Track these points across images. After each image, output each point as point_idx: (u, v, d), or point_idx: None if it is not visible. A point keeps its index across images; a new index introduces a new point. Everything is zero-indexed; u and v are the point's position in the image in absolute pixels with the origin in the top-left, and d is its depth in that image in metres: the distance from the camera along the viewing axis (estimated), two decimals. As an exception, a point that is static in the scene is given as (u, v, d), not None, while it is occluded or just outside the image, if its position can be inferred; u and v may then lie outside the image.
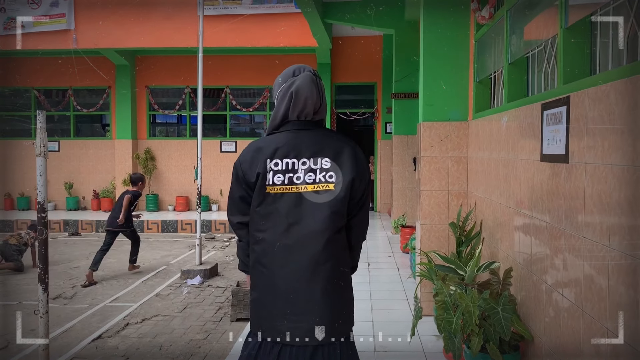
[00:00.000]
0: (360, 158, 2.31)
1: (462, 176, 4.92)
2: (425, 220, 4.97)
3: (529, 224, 3.15)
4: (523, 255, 3.31)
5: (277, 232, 2.23)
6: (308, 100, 2.29)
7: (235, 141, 14.01)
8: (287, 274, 2.24)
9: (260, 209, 2.27)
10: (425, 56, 4.94)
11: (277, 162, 2.24)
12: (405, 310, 5.23)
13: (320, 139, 2.29)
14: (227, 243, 10.94)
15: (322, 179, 2.23)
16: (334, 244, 2.24)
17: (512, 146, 3.48)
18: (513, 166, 3.45)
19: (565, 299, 2.63)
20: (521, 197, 3.28)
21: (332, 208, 2.22)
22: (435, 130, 4.92)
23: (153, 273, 8.25)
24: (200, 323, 5.94)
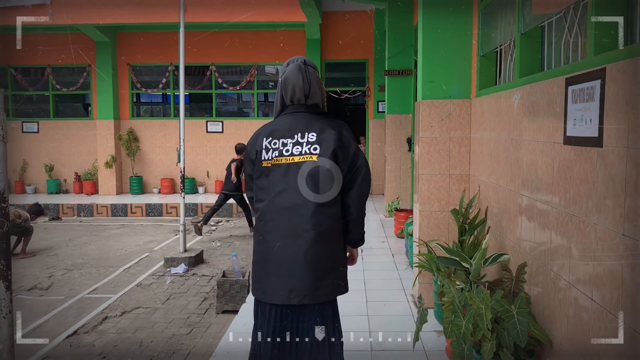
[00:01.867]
0: (344, 134, 2.56)
1: (464, 158, 4.55)
2: (424, 206, 4.61)
3: (546, 214, 2.80)
4: (537, 248, 2.96)
5: (268, 201, 2.51)
6: (296, 86, 2.60)
7: (222, 121, 13.53)
8: (274, 239, 2.50)
9: (258, 182, 2.57)
10: (424, 29, 4.52)
11: (275, 141, 2.54)
12: (403, 302, 4.90)
13: (311, 119, 2.58)
14: (214, 228, 10.55)
15: (307, 151, 2.48)
16: (320, 213, 2.46)
17: (526, 127, 3.11)
18: (527, 149, 3.08)
19: (593, 301, 2.28)
20: (537, 184, 2.92)
21: (315, 179, 2.46)
22: (435, 109, 4.53)
23: (135, 261, 7.86)
24: (183, 316, 5.58)
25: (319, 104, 2.66)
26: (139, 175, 13.57)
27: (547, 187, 2.76)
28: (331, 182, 2.48)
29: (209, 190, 13.54)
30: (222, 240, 9.22)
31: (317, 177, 2.46)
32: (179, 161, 7.38)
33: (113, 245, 8.95)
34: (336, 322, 2.64)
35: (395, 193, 9.10)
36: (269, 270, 2.52)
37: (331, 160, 2.46)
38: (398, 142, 9.17)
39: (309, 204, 2.45)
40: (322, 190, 2.47)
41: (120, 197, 12.88)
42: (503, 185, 3.61)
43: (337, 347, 2.61)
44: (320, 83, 2.70)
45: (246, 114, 14.35)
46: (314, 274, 2.46)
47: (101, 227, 10.72)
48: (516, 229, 3.36)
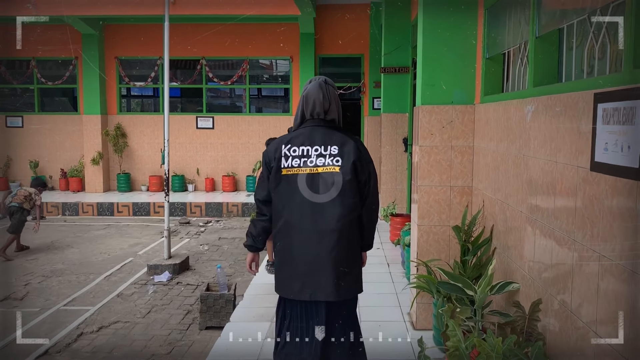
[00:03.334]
0: (361, 149, 2.80)
1: (466, 169, 4.19)
2: (423, 221, 4.24)
3: (565, 246, 2.44)
4: (554, 283, 2.60)
5: (293, 208, 2.71)
6: (316, 101, 2.80)
7: (213, 117, 13.11)
8: (299, 242, 2.72)
9: (278, 189, 2.75)
10: (424, 28, 4.15)
11: (295, 148, 2.74)
12: (399, 323, 4.54)
13: (330, 133, 2.79)
14: (203, 229, 10.17)
15: (330, 163, 2.71)
16: (342, 219, 2.69)
17: (541, 143, 2.75)
18: (542, 169, 2.72)
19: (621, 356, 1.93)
20: (555, 211, 2.56)
21: (338, 188, 2.69)
22: (436, 115, 4.16)
23: (118, 267, 7.47)
24: (164, 332, 5.22)
25: (335, 120, 2.88)
26: (127, 172, 13.16)
27: (568, 216, 2.40)
28: (353, 190, 2.74)
29: (199, 188, 13.15)
30: (210, 244, 8.85)
31: (340, 185, 2.71)
32: (163, 163, 6.99)
33: (96, 249, 8.56)
34: (356, 321, 2.98)
35: (391, 195, 8.74)
36: (296, 270, 2.74)
37: (352, 171, 2.72)
38: (394, 142, 8.80)
39: (335, 209, 2.70)
40: (345, 197, 2.71)
41: (107, 195, 12.47)
42: (512, 204, 3.25)
43: (358, 346, 2.92)
44: (338, 100, 2.91)
45: (239, 108, 13.93)
46: (337, 272, 2.70)
47: (86, 228, 10.32)
48: (526, 254, 3.01)
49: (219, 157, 13.12)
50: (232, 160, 13.11)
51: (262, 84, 14.00)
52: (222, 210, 11.37)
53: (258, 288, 5.56)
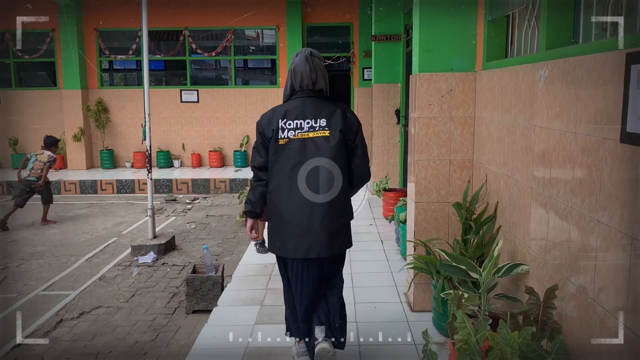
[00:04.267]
0: (347, 116, 3.03)
1: (467, 142, 3.92)
2: (421, 197, 3.98)
3: (587, 227, 2.19)
4: (572, 267, 2.36)
5: (286, 172, 2.96)
6: (303, 74, 3.00)
7: (197, 90, 12.67)
8: (293, 205, 2.96)
9: (275, 157, 2.99)
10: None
11: (289, 122, 2.97)
12: (396, 304, 4.32)
13: (319, 104, 3.02)
14: (190, 206, 9.87)
15: (320, 129, 2.96)
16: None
17: (557, 113, 2.47)
18: (558, 141, 2.45)
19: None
20: (574, 188, 2.30)
21: (329, 150, 2.93)
22: (435, 83, 3.86)
23: (100, 248, 7.18)
24: (149, 317, 4.96)
25: (323, 89, 3.09)
26: (110, 148, 12.76)
27: (590, 194, 2.14)
28: (341, 155, 2.98)
29: (185, 164, 12.79)
30: (197, 222, 8.56)
31: (329, 151, 2.95)
32: (144, 139, 6.64)
33: (79, 229, 8.25)
34: (342, 264, 3.31)
35: (383, 169, 8.47)
36: (290, 231, 3.00)
37: (339, 138, 2.96)
38: (386, 114, 8.50)
39: (324, 170, 2.95)
40: (334, 162, 2.95)
41: (90, 173, 12.09)
42: (520, 180, 2.99)
43: (339, 286, 3.29)
44: (325, 71, 3.10)
45: (224, 80, 13.50)
46: (329, 232, 2.98)
47: (68, 207, 9.98)
48: (538, 234, 2.76)
49: (204, 131, 12.74)
50: (218, 135, 12.74)
51: (248, 55, 13.55)
52: (210, 187, 11.06)
53: (247, 269, 5.31)
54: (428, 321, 3.92)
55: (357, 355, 3.50)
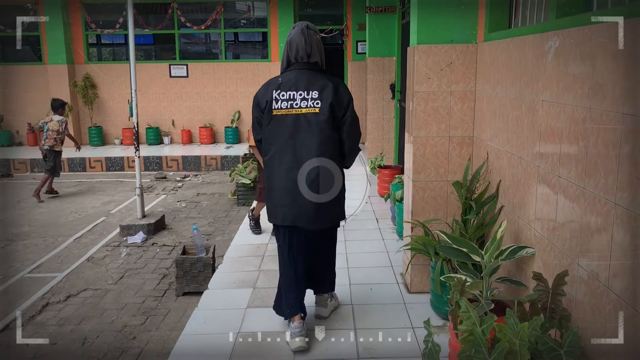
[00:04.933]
0: (339, 90, 3.15)
1: (467, 117, 3.74)
2: (419, 176, 3.82)
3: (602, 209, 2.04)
4: (582, 250, 2.22)
5: (281, 144, 3.12)
6: (299, 46, 3.14)
7: (187, 64, 12.37)
8: (285, 174, 3.12)
9: (269, 127, 3.16)
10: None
11: (283, 93, 3.11)
12: (392, 285, 4.18)
13: (312, 77, 3.14)
14: (181, 184, 9.68)
15: (312, 105, 3.09)
16: (322, 153, 3.09)
17: (568, 86, 2.30)
18: (570, 117, 2.28)
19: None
20: (587, 167, 2.14)
21: (319, 125, 3.08)
22: (434, 56, 3.67)
23: (89, 228, 7.00)
24: (138, 300, 4.83)
25: (318, 62, 3.20)
26: (99, 125, 12.50)
27: (607, 174, 1.99)
28: (330, 127, 3.12)
29: (175, 140, 12.56)
30: (188, 201, 8.38)
31: (320, 124, 3.09)
32: (131, 115, 6.42)
33: (66, 208, 8.06)
34: (335, 235, 3.56)
35: (378, 146, 8.30)
36: (281, 200, 3.18)
37: (329, 110, 3.09)
38: (380, 89, 8.29)
39: (314, 142, 3.09)
40: (324, 133, 3.10)
41: (78, 150, 11.81)
42: (525, 158, 2.83)
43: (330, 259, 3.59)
44: (320, 44, 3.23)
45: (215, 54, 13.17)
46: (318, 203, 3.14)
47: (56, 185, 9.73)
48: (545, 215, 2.61)
49: (194, 107, 12.48)
50: (208, 111, 12.49)
51: (239, 28, 13.20)
52: (201, 164, 10.86)
53: (239, 250, 5.16)
54: (425, 303, 3.80)
55: (353, 338, 3.37)
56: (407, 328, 3.51)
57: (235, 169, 7.95)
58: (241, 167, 7.87)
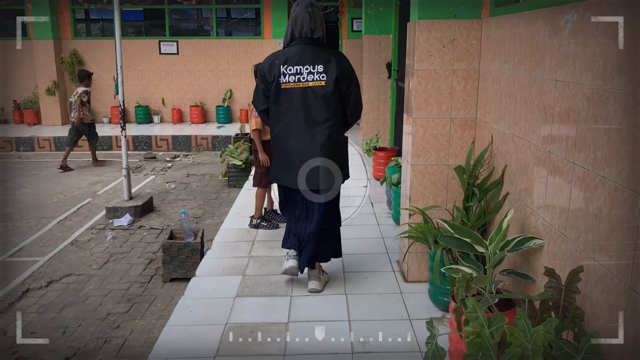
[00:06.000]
0: (343, 64, 3.44)
1: (470, 98, 3.53)
2: (418, 159, 3.62)
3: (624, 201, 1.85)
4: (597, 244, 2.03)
5: (289, 115, 3.45)
6: (303, 22, 3.40)
7: (177, 41, 12.03)
8: (295, 141, 3.46)
9: (277, 100, 3.45)
10: None
11: (290, 67, 3.38)
12: (388, 273, 4.01)
13: (317, 51, 3.42)
14: (170, 164, 9.43)
15: (318, 78, 3.38)
16: (328, 121, 3.42)
17: (586, 64, 2.09)
18: (588, 98, 2.07)
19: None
20: (606, 154, 1.94)
21: (325, 97, 3.39)
22: (436, 32, 3.44)
23: (74, 209, 6.78)
24: (123, 286, 4.63)
25: (321, 37, 3.45)
26: (86, 103, 12.13)
27: (633, 162, 1.79)
28: (336, 99, 3.41)
29: (165, 119, 12.27)
30: (177, 182, 8.15)
31: (326, 96, 3.37)
32: (117, 93, 6.16)
33: (52, 189, 7.82)
34: (336, 204, 3.79)
35: (373, 127, 8.08)
36: (292, 164, 3.48)
37: (334, 83, 3.37)
38: (377, 68, 8.03)
39: (322, 114, 3.39)
40: (330, 105, 3.40)
41: (65, 128, 11.40)
42: (535, 142, 2.63)
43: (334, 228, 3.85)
44: (323, 20, 3.48)
45: (206, 32, 12.81)
46: (326, 165, 3.44)
47: (42, 165, 9.51)
48: (556, 204, 2.42)
49: (185, 85, 12.17)
50: (199, 89, 12.18)
51: (231, 4, 12.82)
52: (191, 144, 10.61)
53: (229, 234, 4.96)
54: (423, 293, 3.63)
55: (347, 330, 3.20)
56: (404, 320, 3.34)
57: (226, 149, 7.72)
58: (232, 148, 7.64)
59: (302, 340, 3.11)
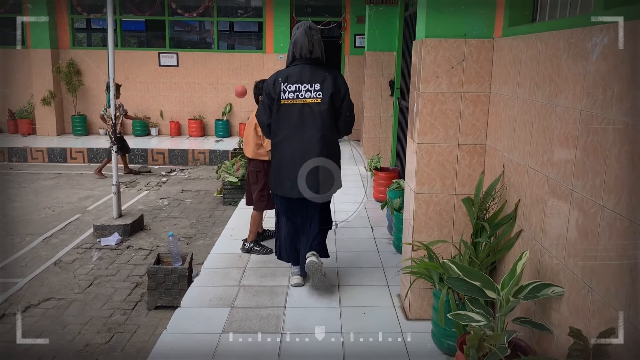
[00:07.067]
0: (337, 82, 3.75)
1: (479, 123, 3.27)
2: (422, 188, 3.35)
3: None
4: (629, 294, 1.76)
5: (288, 128, 3.74)
6: (302, 45, 3.75)
7: (177, 53, 11.81)
8: (291, 152, 3.74)
9: (278, 114, 3.77)
10: None
11: (290, 85, 3.72)
12: (388, 309, 3.72)
13: (314, 70, 3.75)
14: (165, 179, 9.16)
15: (315, 96, 3.70)
16: (322, 135, 3.70)
17: (622, 94, 1.83)
18: (625, 135, 1.81)
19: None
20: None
21: (321, 113, 3.70)
22: (444, 52, 3.19)
23: (61, 226, 6.49)
24: (105, 313, 4.34)
25: (319, 57, 3.80)
26: (83, 114, 11.92)
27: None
28: (330, 114, 3.71)
29: (163, 132, 12.02)
30: (171, 198, 7.88)
31: (321, 112, 3.69)
32: (108, 106, 5.90)
33: (41, 202, 7.54)
34: (327, 208, 4.10)
35: (374, 146, 7.82)
36: (288, 174, 3.75)
37: (329, 100, 3.69)
38: (379, 85, 7.80)
39: (317, 128, 3.68)
40: (324, 120, 3.69)
41: (60, 140, 11.28)
42: (555, 177, 2.36)
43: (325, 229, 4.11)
44: (321, 42, 3.83)
45: (208, 44, 12.60)
46: (319, 176, 3.73)
47: (33, 177, 9.24)
48: (578, 248, 2.15)
49: (184, 98, 11.94)
50: (199, 102, 11.96)
51: (233, 17, 12.63)
52: (188, 158, 10.35)
53: (219, 259, 4.68)
54: (426, 333, 3.34)
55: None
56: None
57: (223, 165, 7.45)
58: (229, 164, 7.38)
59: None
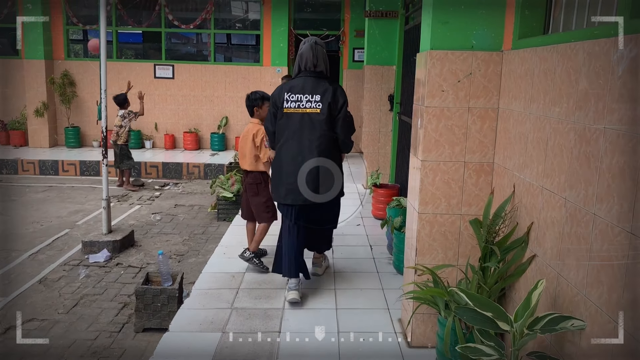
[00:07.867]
0: (336, 93, 3.91)
1: (487, 140, 3.10)
2: (426, 208, 3.16)
3: None
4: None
5: (289, 136, 3.91)
6: (308, 59, 3.94)
7: (173, 65, 11.66)
8: (290, 159, 3.90)
9: (281, 122, 3.96)
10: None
11: (293, 95, 3.92)
12: (389, 335, 3.51)
13: (316, 83, 3.93)
14: (158, 193, 8.94)
15: (315, 106, 3.88)
16: (322, 145, 3.87)
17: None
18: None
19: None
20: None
21: (320, 122, 3.86)
22: (450, 64, 3.02)
23: (49, 242, 6.27)
24: (90, 335, 4.12)
25: (323, 71, 4.00)
26: (76, 125, 11.74)
27: None
28: (328, 123, 3.89)
29: (158, 145, 11.83)
30: (163, 213, 7.66)
31: (320, 121, 3.87)
32: (99, 118, 5.72)
33: (29, 217, 7.31)
34: (337, 209, 4.37)
35: (374, 161, 7.64)
36: (285, 180, 3.92)
37: (327, 110, 3.87)
38: (378, 100, 7.64)
39: (315, 135, 3.87)
40: (322, 128, 3.88)
41: (52, 152, 11.08)
42: (573, 200, 2.18)
43: (328, 230, 4.42)
44: (325, 57, 4.03)
45: (205, 56, 12.46)
46: (316, 183, 3.89)
47: (23, 190, 9.02)
48: (604, 279, 1.96)
49: (179, 110, 11.78)
50: (194, 115, 11.79)
51: (230, 30, 12.51)
52: (182, 172, 10.15)
53: (211, 279, 4.47)
54: None
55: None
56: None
57: (217, 180, 7.26)
58: (223, 179, 7.19)
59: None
